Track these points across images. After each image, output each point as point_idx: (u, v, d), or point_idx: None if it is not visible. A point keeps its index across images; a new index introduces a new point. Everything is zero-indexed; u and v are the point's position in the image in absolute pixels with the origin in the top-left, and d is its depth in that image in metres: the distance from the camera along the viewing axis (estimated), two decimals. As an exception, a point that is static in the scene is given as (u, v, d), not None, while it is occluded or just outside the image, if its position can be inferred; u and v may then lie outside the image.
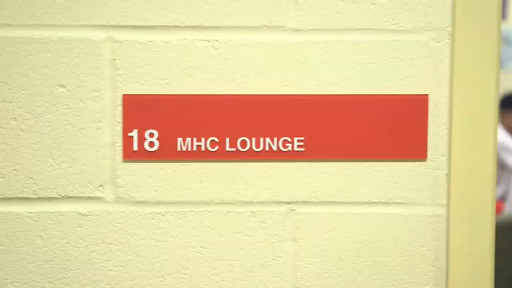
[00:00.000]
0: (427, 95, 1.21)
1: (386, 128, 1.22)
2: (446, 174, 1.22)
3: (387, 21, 1.20)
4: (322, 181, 1.23)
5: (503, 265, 4.51)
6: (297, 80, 1.21)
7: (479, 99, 1.21)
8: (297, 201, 1.23)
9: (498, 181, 5.54)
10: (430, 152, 1.22)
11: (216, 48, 1.20)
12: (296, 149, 1.22)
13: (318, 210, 1.23)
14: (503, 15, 7.63)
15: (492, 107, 1.22)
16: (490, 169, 1.22)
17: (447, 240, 1.23)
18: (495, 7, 1.20)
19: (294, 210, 1.23)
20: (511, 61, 7.76)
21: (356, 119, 1.22)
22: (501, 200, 5.44)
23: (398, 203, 1.23)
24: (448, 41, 1.21)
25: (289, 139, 1.22)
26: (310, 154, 1.22)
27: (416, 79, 1.21)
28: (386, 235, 1.23)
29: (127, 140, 1.21)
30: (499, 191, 5.55)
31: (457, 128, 1.21)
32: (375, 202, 1.23)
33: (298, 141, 1.22)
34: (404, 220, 1.23)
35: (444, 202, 1.23)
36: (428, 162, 1.22)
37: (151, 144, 1.21)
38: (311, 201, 1.23)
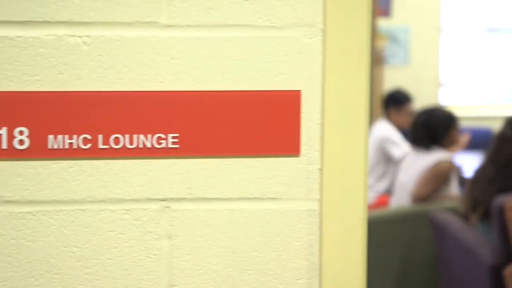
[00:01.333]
0: (299, 91, 1.23)
1: (260, 124, 1.23)
2: (319, 169, 1.24)
3: (259, 17, 1.21)
4: (197, 177, 1.22)
5: (389, 258, 4.61)
6: (171, 76, 1.20)
7: (351, 95, 1.23)
8: (172, 198, 1.22)
9: (384, 174, 5.65)
10: (303, 148, 1.24)
11: (88, 44, 1.18)
12: (170, 145, 1.21)
13: (193, 206, 1.23)
14: (388, 13, 7.80)
15: (363, 102, 1.24)
16: (361, 163, 1.24)
17: (320, 234, 1.25)
18: (365, 3, 1.22)
19: (169, 207, 1.22)
20: (396, 58, 7.95)
21: (231, 115, 1.22)
22: (387, 194, 5.55)
23: (273, 198, 1.24)
24: (320, 37, 1.22)
25: (163, 136, 1.21)
26: (184, 150, 1.22)
27: (289, 75, 1.22)
28: (261, 231, 1.24)
29: (-4, 138, 1.18)
30: (385, 185, 5.65)
31: (329, 123, 1.23)
32: (250, 198, 1.23)
33: (173, 137, 1.21)
34: (279, 215, 1.24)
35: (317, 196, 1.24)
36: (301, 157, 1.24)
37: (21, 142, 1.18)
38: (186, 198, 1.22)
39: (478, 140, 6.37)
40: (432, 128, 4.82)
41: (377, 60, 7.15)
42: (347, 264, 1.25)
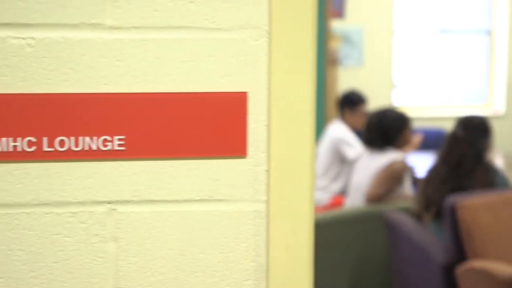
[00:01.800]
0: (246, 92, 1.23)
1: (207, 125, 1.22)
2: (266, 171, 1.24)
3: (205, 19, 1.21)
4: (143, 179, 1.22)
5: (344, 258, 4.63)
6: (117, 78, 1.20)
7: (297, 96, 1.24)
8: (118, 201, 1.21)
9: (339, 175, 5.68)
10: (250, 149, 1.24)
11: (32, 46, 1.17)
12: (116, 148, 1.21)
13: (139, 209, 1.22)
14: (341, 14, 7.84)
15: (309, 103, 1.24)
16: (308, 164, 1.25)
17: (267, 235, 1.25)
18: (311, 5, 1.23)
19: (115, 209, 1.21)
20: (350, 59, 8.00)
21: (177, 117, 1.22)
22: (342, 194, 5.58)
23: (219, 200, 1.24)
24: (266, 39, 1.22)
25: (109, 138, 1.21)
26: (130, 153, 1.21)
27: (235, 77, 1.22)
28: (208, 232, 1.24)
29: None
30: (340, 185, 5.68)
31: (275, 125, 1.23)
32: (196, 200, 1.23)
33: (119, 139, 1.21)
34: (226, 217, 1.24)
35: (264, 198, 1.24)
36: (248, 158, 1.24)
37: (-36, 145, 1.17)
38: (132, 200, 1.22)
39: (430, 141, 6.43)
40: (385, 129, 4.86)
41: (331, 61, 7.19)
42: (294, 265, 1.26)
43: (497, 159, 6.66)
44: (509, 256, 3.59)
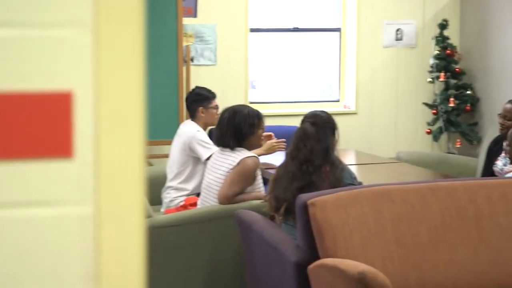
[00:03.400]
0: (71, 91, 1.18)
1: (29, 126, 1.17)
2: (93, 172, 1.19)
3: (27, 14, 1.15)
4: (-39, 184, 1.15)
5: (198, 258, 4.61)
6: None
7: (125, 94, 1.20)
8: None
9: (193, 175, 5.64)
10: (76, 150, 1.19)
11: None
12: None
13: (-43, 215, 1.15)
14: (194, 13, 7.83)
15: (138, 102, 1.20)
16: (137, 165, 1.21)
17: (96, 240, 1.20)
18: (137, 2, 1.19)
19: None
20: (202, 57, 7.99)
21: (-2, 117, 1.16)
22: (196, 194, 5.54)
23: (44, 204, 1.18)
24: (91, 36, 1.18)
25: None
26: None
27: (60, 76, 1.17)
28: (33, 238, 1.18)
29: None
30: (194, 185, 5.63)
31: (103, 124, 1.19)
32: (19, 204, 1.17)
33: None
34: (51, 222, 1.18)
35: (92, 201, 1.20)
36: (74, 160, 1.19)
37: None
38: (-51, 207, 1.15)
39: (285, 138, 6.49)
40: (237, 127, 4.84)
41: (184, 59, 7.16)
42: (124, 269, 1.22)
43: (348, 155, 6.80)
44: (359, 252, 3.65)
